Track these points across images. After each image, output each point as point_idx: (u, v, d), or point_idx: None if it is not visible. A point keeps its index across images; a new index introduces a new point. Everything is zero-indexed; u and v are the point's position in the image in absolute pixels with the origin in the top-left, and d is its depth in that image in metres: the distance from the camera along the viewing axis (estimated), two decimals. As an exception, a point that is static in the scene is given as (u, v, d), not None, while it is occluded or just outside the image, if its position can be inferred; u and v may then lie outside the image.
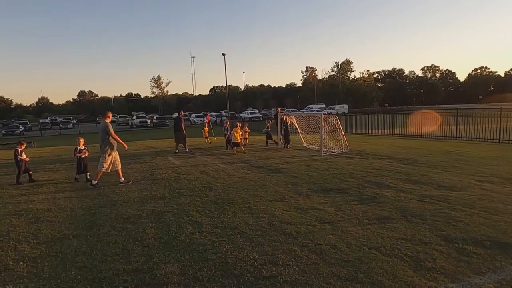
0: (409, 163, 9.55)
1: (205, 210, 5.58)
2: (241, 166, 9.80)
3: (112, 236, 4.54)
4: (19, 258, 3.96)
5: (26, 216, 5.61)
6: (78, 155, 8.51)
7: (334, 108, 56.56)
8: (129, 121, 53.21)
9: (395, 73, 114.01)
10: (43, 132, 41.93)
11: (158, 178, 8.46)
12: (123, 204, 6.14)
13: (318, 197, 6.21)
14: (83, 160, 8.58)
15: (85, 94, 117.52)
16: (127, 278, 3.39)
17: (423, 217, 4.90)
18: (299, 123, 15.21)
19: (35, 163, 12.31)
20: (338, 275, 3.30)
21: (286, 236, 4.34)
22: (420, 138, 18.00)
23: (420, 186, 6.73)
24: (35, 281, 3.38)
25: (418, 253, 3.73)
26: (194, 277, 3.36)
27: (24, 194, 7.19)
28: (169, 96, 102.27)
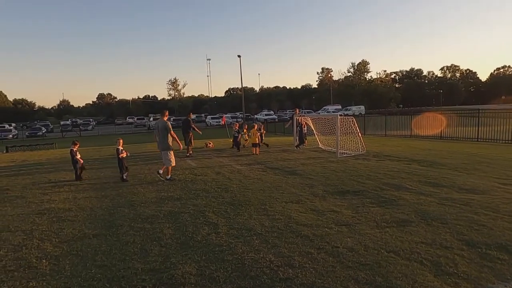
0: (429, 165, 9.33)
1: (221, 211, 5.61)
2: (257, 168, 9.80)
3: (131, 236, 4.62)
4: (42, 256, 4.08)
5: (48, 215, 5.77)
6: (121, 156, 8.73)
7: (350, 109, 55.94)
8: (146, 123, 54.11)
9: (413, 74, 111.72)
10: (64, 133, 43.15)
11: (174, 179, 8.55)
12: (141, 204, 6.24)
13: (335, 199, 6.14)
14: (124, 160, 8.77)
15: (104, 96, 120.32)
16: (145, 277, 3.44)
17: (444, 220, 4.77)
18: (315, 125, 15.11)
19: (57, 164, 12.68)
20: (356, 278, 3.25)
21: (302, 238, 4.31)
22: (439, 139, 17.58)
23: (440, 189, 6.57)
24: (57, 279, 3.48)
25: (439, 258, 3.63)
26: (210, 278, 3.38)
27: (46, 194, 7.40)
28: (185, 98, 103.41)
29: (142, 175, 9.30)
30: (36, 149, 21.35)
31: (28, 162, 13.82)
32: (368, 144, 14.05)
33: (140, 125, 54.68)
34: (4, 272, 3.67)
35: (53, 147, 21.94)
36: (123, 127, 54.83)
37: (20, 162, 13.93)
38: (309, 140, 15.76)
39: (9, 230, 5.04)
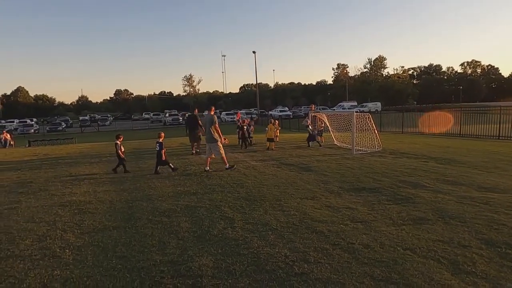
0: (447, 163, 9.15)
1: (237, 206, 5.67)
2: (272, 164, 9.83)
3: (149, 229, 4.74)
4: (65, 246, 4.24)
5: (70, 207, 5.97)
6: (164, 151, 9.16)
7: (366, 106, 55.18)
8: (162, 119, 54.83)
9: (431, 69, 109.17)
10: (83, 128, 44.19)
11: (190, 174, 8.69)
12: (158, 198, 6.38)
13: (350, 196, 6.12)
14: (164, 153, 9.13)
15: (121, 92, 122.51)
16: (163, 269, 3.53)
17: (462, 219, 4.70)
18: (330, 121, 15.00)
19: (77, 158, 13.03)
20: (371, 275, 3.26)
21: (317, 234, 4.33)
22: (459, 137, 17.18)
23: (458, 187, 6.45)
24: (80, 268, 3.61)
25: (457, 256, 3.59)
26: (227, 271, 3.44)
27: (67, 187, 7.64)
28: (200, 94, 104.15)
29: (159, 170, 9.45)
30: (57, 144, 21.98)
31: (49, 156, 14.25)
32: (384, 141, 13.87)
33: (156, 121, 55.45)
34: (30, 260, 3.84)
35: (73, 142, 22.55)
36: (140, 122, 55.72)
37: (42, 156, 14.38)
38: (324, 137, 15.67)
39: (33, 221, 5.25)
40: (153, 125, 49.70)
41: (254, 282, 3.21)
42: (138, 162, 11.35)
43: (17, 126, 47.84)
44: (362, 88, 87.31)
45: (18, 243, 4.35)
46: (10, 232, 4.76)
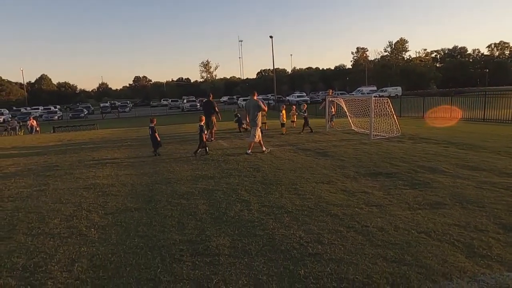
0: (468, 148, 8.94)
1: (253, 190, 5.79)
2: (288, 149, 9.88)
3: (168, 210, 4.93)
4: (90, 225, 4.48)
5: (94, 190, 6.25)
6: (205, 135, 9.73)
7: (386, 91, 53.87)
8: (180, 105, 55.42)
9: (456, 52, 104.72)
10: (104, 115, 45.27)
11: (208, 158, 8.86)
12: (177, 182, 6.57)
13: (366, 180, 6.12)
14: (205, 135, 9.71)
15: (139, 79, 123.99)
16: (183, 247, 3.70)
17: (480, 204, 4.65)
18: (348, 106, 14.81)
19: (99, 143, 13.47)
20: (384, 256, 3.31)
21: (332, 217, 4.39)
22: (482, 121, 16.64)
23: (479, 173, 6.33)
24: (105, 245, 3.83)
25: (472, 240, 3.59)
26: (243, 250, 3.57)
27: (91, 170, 7.96)
28: (218, 80, 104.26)
29: (177, 155, 9.70)
30: (80, 130, 22.72)
31: (73, 141, 14.79)
32: (403, 126, 13.62)
33: (174, 107, 56.09)
34: (59, 238, 4.10)
35: (95, 128, 23.23)
36: (158, 109, 56.57)
37: (66, 141, 14.93)
38: (341, 122, 15.53)
39: (61, 202, 5.54)
40: (171, 111, 50.39)
41: (269, 261, 3.33)
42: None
43: (41, 113, 49.52)
44: (382, 72, 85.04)
45: (47, 222, 4.63)
46: (40, 212, 5.05)
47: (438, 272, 2.99)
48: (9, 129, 23.42)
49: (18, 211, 5.15)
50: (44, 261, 3.50)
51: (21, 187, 6.61)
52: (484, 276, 2.92)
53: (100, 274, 3.19)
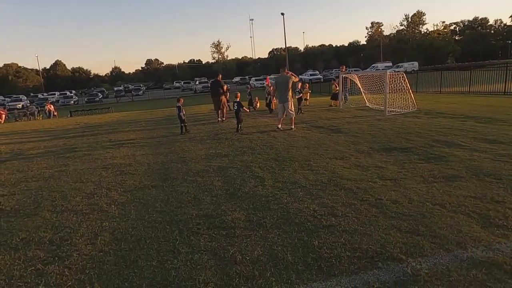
0: (487, 122, 8.71)
1: (267, 167, 5.84)
2: (302, 127, 9.85)
3: (184, 187, 5.05)
4: (110, 202, 4.64)
5: (112, 169, 6.44)
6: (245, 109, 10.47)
7: (402, 66, 52.31)
8: (192, 87, 55.41)
9: (476, 23, 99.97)
10: (118, 99, 45.79)
11: (222, 138, 8.93)
12: (192, 160, 6.68)
13: (380, 155, 6.08)
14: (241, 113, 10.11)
15: (151, 62, 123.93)
16: (199, 221, 3.81)
17: (497, 176, 4.58)
18: (362, 82, 14.53)
19: (115, 126, 13.73)
20: (398, 227, 3.33)
21: (346, 191, 4.42)
22: (503, 95, 16.07)
23: (497, 146, 6.19)
24: (125, 221, 3.98)
25: (488, 211, 3.56)
26: (258, 223, 3.66)
27: (108, 151, 8.17)
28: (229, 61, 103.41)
29: (191, 134, 9.81)
30: (95, 113, 23.12)
31: (89, 124, 15.11)
32: (419, 101, 13.31)
33: (187, 89, 56.13)
34: (82, 214, 4.27)
35: (110, 111, 23.59)
36: (171, 91, 56.75)
37: (83, 124, 15.28)
38: (355, 99, 15.29)
39: (81, 181, 5.74)
40: (184, 93, 50.45)
41: (283, 233, 3.40)
42: (172, 128, 11.75)
43: (58, 98, 50.44)
44: (398, 48, 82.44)
45: (70, 200, 4.82)
46: (62, 191, 5.26)
47: (452, 241, 3.01)
48: (28, 114, 24.03)
49: (42, 190, 5.38)
50: (69, 235, 3.67)
51: (43, 168, 6.86)
52: (500, 245, 2.92)
53: (122, 247, 3.34)
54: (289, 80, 9.33)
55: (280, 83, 9.49)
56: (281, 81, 9.49)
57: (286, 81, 9.32)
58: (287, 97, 9.34)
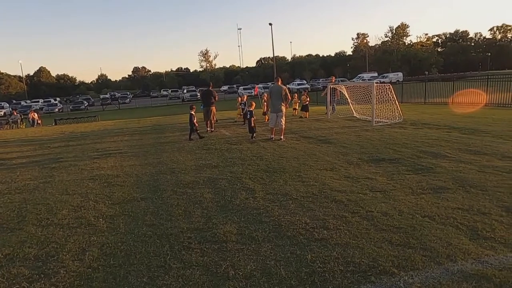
0: (471, 133, 8.95)
1: (257, 178, 5.83)
2: (291, 137, 9.90)
3: (175, 199, 4.98)
4: (98, 215, 4.54)
5: (99, 180, 6.31)
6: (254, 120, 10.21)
7: (387, 77, 53.48)
8: (180, 95, 55.18)
9: (458, 36, 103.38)
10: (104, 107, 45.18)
11: (211, 148, 8.89)
12: (181, 171, 6.62)
13: (369, 166, 6.16)
14: (253, 121, 10.22)
15: (138, 70, 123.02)
16: (191, 235, 3.76)
17: (483, 188, 4.69)
18: (350, 93, 14.76)
19: (101, 135, 13.51)
20: (389, 240, 3.36)
21: (337, 203, 4.44)
22: (484, 106, 16.57)
23: (481, 157, 6.35)
24: (114, 235, 3.90)
25: (476, 223, 3.64)
26: (250, 237, 3.63)
27: (95, 162, 8.02)
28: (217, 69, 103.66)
29: (180, 144, 9.73)
30: (81, 122, 22.72)
31: (75, 133, 14.83)
32: (405, 112, 13.60)
33: (175, 97, 55.88)
34: (68, 228, 4.16)
35: (96, 120, 23.22)
36: (158, 99, 56.35)
37: (68, 133, 14.98)
38: (343, 109, 15.50)
39: (67, 193, 5.61)
40: (172, 102, 50.23)
41: (276, 246, 3.39)
42: (160, 137, 11.64)
43: (42, 105, 49.44)
44: (383, 58, 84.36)
45: (56, 213, 4.70)
46: (48, 203, 5.12)
47: (442, 254, 3.05)
48: (11, 122, 23.43)
49: (26, 202, 5.22)
50: (55, 251, 3.57)
51: (27, 179, 6.68)
52: (488, 257, 2.98)
53: (111, 262, 3.26)
54: (283, 90, 9.36)
55: (274, 92, 9.55)
56: (275, 90, 9.53)
57: (280, 91, 9.37)
58: (280, 107, 9.38)
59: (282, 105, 9.39)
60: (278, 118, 9.44)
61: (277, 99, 9.37)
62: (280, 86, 9.50)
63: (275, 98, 9.44)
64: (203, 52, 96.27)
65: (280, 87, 9.44)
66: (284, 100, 9.36)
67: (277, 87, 9.48)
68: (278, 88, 9.45)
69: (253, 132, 10.01)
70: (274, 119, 9.51)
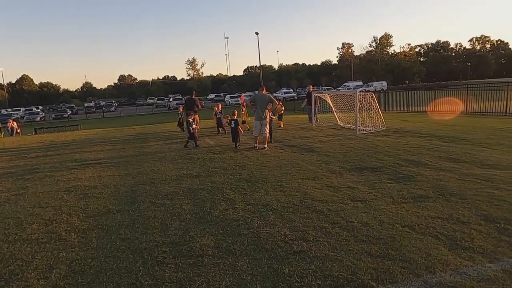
0: (451, 141, 9.08)
1: (238, 188, 5.73)
2: (275, 146, 9.84)
3: (152, 211, 4.82)
4: (70, 229, 4.34)
5: (75, 192, 6.09)
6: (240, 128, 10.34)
7: (371, 85, 54.46)
8: (166, 103, 54.77)
9: (439, 46, 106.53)
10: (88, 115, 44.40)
11: (193, 157, 8.74)
12: (161, 182, 6.45)
13: (352, 175, 6.13)
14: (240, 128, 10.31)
15: (124, 78, 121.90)
16: (166, 249, 3.62)
17: (463, 196, 4.70)
18: (334, 101, 14.87)
19: (82, 144, 13.17)
20: (369, 252, 3.30)
21: (317, 214, 4.37)
22: (464, 114, 16.94)
23: (461, 165, 6.42)
24: (85, 250, 3.71)
25: (455, 232, 3.62)
26: (227, 250, 3.51)
27: (73, 172, 7.76)
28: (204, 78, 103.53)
29: (162, 154, 9.55)
30: (63, 131, 22.20)
31: (55, 143, 14.42)
32: (388, 120, 13.75)
33: (161, 106, 55.41)
34: (37, 244, 3.95)
35: (78, 129, 22.73)
36: (144, 108, 55.82)
37: (48, 143, 14.55)
38: (327, 117, 15.59)
39: (40, 206, 5.37)
40: (158, 110, 49.79)
41: (253, 260, 3.28)
42: (142, 146, 11.42)
43: (23, 114, 48.21)
44: (368, 68, 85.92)
45: (25, 228, 4.47)
46: (18, 217, 4.88)
47: (421, 265, 3.00)
48: (-12, 131, 22.67)
49: (-6, 216, 4.97)
50: (20, 269, 3.36)
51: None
52: (467, 268, 2.94)
53: (79, 280, 3.09)
54: (268, 99, 9.36)
55: (258, 100, 9.47)
56: (259, 98, 9.47)
57: (264, 99, 9.35)
58: (264, 116, 9.35)
59: (266, 113, 9.36)
60: (262, 127, 9.39)
61: (262, 107, 9.36)
62: (264, 94, 9.51)
63: (259, 106, 9.42)
64: (190, 61, 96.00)
65: (265, 95, 9.46)
66: (272, 105, 9.43)
67: (262, 95, 9.48)
68: (263, 96, 9.44)
69: (237, 141, 9.90)
70: (258, 127, 9.44)
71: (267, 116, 9.42)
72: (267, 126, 9.48)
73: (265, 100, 9.37)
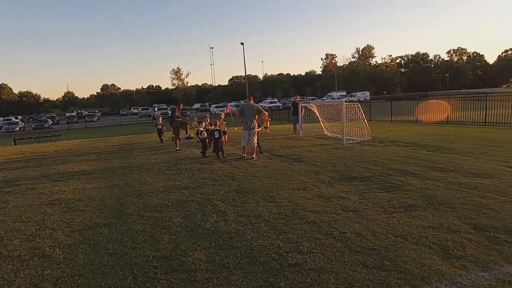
0: (435, 150, 9.28)
1: (229, 199, 5.65)
2: (263, 156, 9.82)
3: (140, 225, 4.69)
4: (55, 245, 4.16)
5: (59, 205, 5.87)
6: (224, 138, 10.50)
7: (355, 95, 55.49)
8: (151, 113, 54.17)
9: (419, 58, 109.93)
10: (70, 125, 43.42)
11: (181, 168, 8.61)
12: (149, 193, 6.31)
13: (341, 185, 6.15)
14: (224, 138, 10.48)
15: (108, 87, 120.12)
16: (156, 264, 3.50)
17: (451, 205, 4.78)
18: (320, 111, 15.03)
19: (65, 155, 12.81)
20: (364, 263, 3.28)
21: (310, 225, 4.34)
22: (446, 124, 17.42)
23: (447, 174, 6.54)
24: (71, 267, 3.56)
25: (447, 242, 3.65)
26: (220, 264, 3.43)
27: (56, 185, 7.51)
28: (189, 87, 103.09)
29: (149, 165, 9.38)
30: (43, 141, 21.58)
31: (36, 154, 13.98)
32: (374, 130, 13.97)
33: (145, 115, 54.76)
34: (20, 261, 3.77)
35: (60, 139, 22.15)
36: (128, 117, 54.98)
37: (28, 154, 14.10)
38: (313, 127, 15.73)
39: (21, 221, 5.14)
40: (142, 120, 49.17)
41: (248, 274, 3.21)
42: (128, 157, 11.19)
43: (1, 124, 46.70)
44: (351, 78, 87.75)
45: (6, 244, 4.26)
46: (-2, 233, 4.65)
47: (417, 276, 3.00)
48: (-35, 142, 21.83)
49: (-28, 233, 4.72)
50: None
51: (-23, 206, 6.10)
52: (461, 277, 2.96)
53: (66, 300, 2.94)
54: (256, 109, 9.39)
55: (246, 111, 9.48)
56: (247, 108, 9.48)
57: (253, 109, 9.37)
58: (252, 126, 9.35)
59: (255, 123, 9.36)
60: (250, 137, 9.36)
61: (250, 117, 9.37)
62: (252, 104, 9.55)
63: (247, 116, 9.41)
64: (175, 70, 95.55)
65: (253, 105, 9.50)
66: (258, 116, 9.45)
67: (250, 106, 9.50)
68: (251, 106, 9.46)
69: (218, 151, 9.82)
70: (246, 138, 9.40)
71: (255, 126, 9.42)
72: (255, 136, 9.45)
73: (253, 110, 9.39)
